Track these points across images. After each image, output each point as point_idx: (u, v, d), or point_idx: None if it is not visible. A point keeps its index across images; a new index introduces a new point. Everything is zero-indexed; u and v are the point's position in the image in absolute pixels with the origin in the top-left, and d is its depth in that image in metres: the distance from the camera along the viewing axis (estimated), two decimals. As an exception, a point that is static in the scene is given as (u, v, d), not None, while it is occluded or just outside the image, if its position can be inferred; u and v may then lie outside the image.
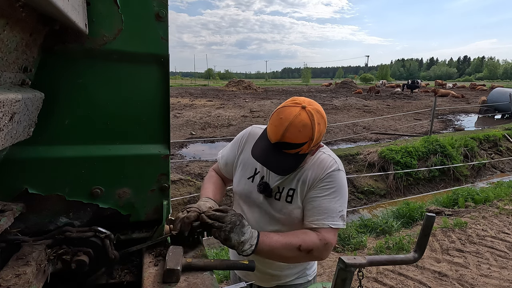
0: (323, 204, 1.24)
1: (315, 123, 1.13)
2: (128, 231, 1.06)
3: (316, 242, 1.19)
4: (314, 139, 1.15)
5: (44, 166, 0.93)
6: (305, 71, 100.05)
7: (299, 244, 1.17)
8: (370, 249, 4.02)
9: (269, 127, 1.18)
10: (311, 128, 1.13)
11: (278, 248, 1.15)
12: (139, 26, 0.94)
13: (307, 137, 1.13)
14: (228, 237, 1.06)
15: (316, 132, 1.14)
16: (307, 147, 1.15)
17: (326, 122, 1.22)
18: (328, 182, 1.26)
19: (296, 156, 1.17)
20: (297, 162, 1.19)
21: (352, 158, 7.84)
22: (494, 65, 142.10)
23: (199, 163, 7.70)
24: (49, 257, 0.88)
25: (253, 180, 1.41)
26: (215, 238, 1.09)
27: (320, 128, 1.16)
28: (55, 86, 0.90)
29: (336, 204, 1.25)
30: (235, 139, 1.55)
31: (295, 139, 1.12)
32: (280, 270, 1.47)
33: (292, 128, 1.11)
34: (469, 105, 21.96)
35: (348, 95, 29.45)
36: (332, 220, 1.23)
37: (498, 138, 9.98)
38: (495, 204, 5.35)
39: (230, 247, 1.10)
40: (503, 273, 3.40)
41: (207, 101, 22.74)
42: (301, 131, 1.12)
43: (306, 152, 1.18)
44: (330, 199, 1.25)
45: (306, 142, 1.13)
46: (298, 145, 1.13)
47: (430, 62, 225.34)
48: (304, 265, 1.53)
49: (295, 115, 1.12)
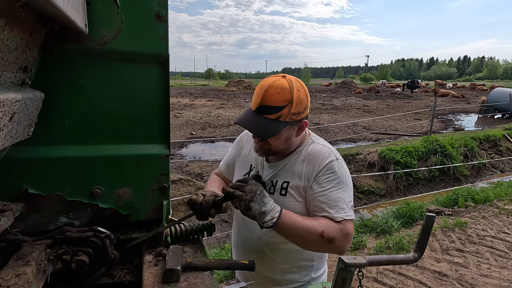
0: (331, 197, 1.21)
1: (294, 88, 1.15)
2: (128, 231, 1.06)
3: (338, 231, 1.16)
4: (294, 104, 1.15)
5: (44, 166, 0.93)
6: (305, 71, 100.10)
7: (322, 231, 1.14)
8: (370, 249, 4.02)
9: (253, 98, 1.21)
10: (290, 91, 1.14)
11: (300, 229, 1.13)
12: (139, 26, 0.94)
13: (286, 100, 1.14)
14: (248, 206, 1.06)
15: (295, 96, 1.15)
16: (287, 112, 1.15)
17: (307, 94, 1.22)
18: (330, 174, 1.24)
19: (276, 122, 1.16)
20: (277, 127, 1.17)
21: (352, 158, 7.83)
22: (494, 65, 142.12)
23: (199, 163, 7.70)
24: (49, 257, 0.88)
25: (248, 175, 1.42)
26: (236, 208, 1.09)
27: (300, 95, 1.17)
28: (55, 86, 0.90)
29: (343, 194, 1.22)
30: (234, 142, 1.58)
31: (274, 102, 1.14)
32: (282, 274, 1.39)
33: (271, 89, 1.14)
34: (469, 105, 21.96)
35: (348, 95, 29.45)
36: (344, 212, 1.20)
37: (498, 138, 9.98)
38: (495, 204, 5.35)
39: (251, 217, 1.09)
40: (503, 273, 3.40)
41: (207, 101, 22.74)
42: (280, 93, 1.14)
43: (287, 120, 1.17)
44: (337, 190, 1.22)
45: (285, 105, 1.14)
46: (277, 108, 1.14)
47: (430, 62, 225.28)
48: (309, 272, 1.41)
49: (274, 80, 1.17)
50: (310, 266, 1.41)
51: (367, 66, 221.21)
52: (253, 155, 1.43)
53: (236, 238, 1.51)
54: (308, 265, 1.40)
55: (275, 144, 1.24)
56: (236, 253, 1.54)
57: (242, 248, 1.47)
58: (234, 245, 1.55)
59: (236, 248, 1.52)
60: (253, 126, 1.18)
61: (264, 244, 1.36)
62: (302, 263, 1.39)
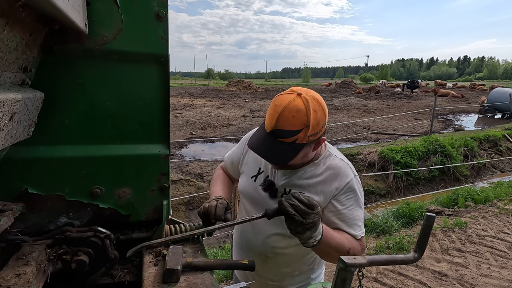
0: (350, 215, 1.24)
1: (311, 109, 1.07)
2: (128, 231, 1.06)
3: (359, 248, 1.22)
4: (311, 127, 1.07)
5: (44, 166, 0.93)
6: (305, 71, 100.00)
7: (349, 248, 1.18)
8: (370, 249, 4.02)
9: (266, 117, 1.14)
10: (306, 114, 1.06)
11: (332, 247, 1.14)
12: (139, 26, 0.94)
13: (302, 123, 1.06)
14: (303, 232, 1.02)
15: (312, 118, 1.07)
16: (303, 135, 1.08)
17: (325, 111, 1.14)
18: (349, 192, 1.25)
19: (292, 146, 1.10)
20: (293, 152, 1.12)
21: (352, 158, 7.83)
22: (494, 65, 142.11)
23: (199, 163, 7.70)
24: (49, 257, 0.88)
25: (256, 179, 1.38)
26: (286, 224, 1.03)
27: (317, 116, 1.08)
28: (55, 86, 0.90)
29: (358, 212, 1.26)
30: (242, 139, 1.53)
31: (289, 126, 1.06)
32: (283, 277, 1.42)
33: (286, 113, 1.06)
34: (469, 105, 21.96)
35: (348, 95, 29.44)
36: (360, 230, 1.25)
37: (498, 138, 9.98)
38: (495, 204, 5.35)
39: (297, 237, 1.05)
40: (503, 273, 3.40)
41: (207, 101, 22.74)
42: (295, 117, 1.06)
43: (303, 142, 1.10)
44: (355, 208, 1.25)
45: (301, 129, 1.07)
46: (292, 132, 1.07)
47: (430, 62, 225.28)
48: (308, 275, 1.46)
49: (289, 101, 1.07)
50: (311, 269, 1.45)
51: (367, 66, 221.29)
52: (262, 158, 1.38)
53: (240, 239, 1.50)
54: (309, 268, 1.44)
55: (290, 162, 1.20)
56: (238, 254, 1.53)
57: (245, 249, 1.47)
58: (237, 246, 1.54)
59: (239, 249, 1.52)
60: (267, 152, 1.13)
61: (268, 248, 1.36)
62: (303, 267, 1.42)
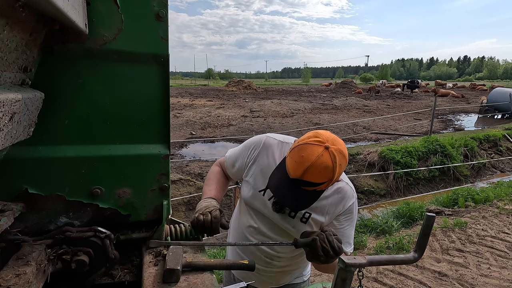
0: (345, 234, 1.36)
1: (337, 165, 1.11)
2: (128, 231, 1.06)
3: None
4: (334, 179, 1.14)
5: (44, 166, 0.93)
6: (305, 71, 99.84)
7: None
8: (370, 249, 4.02)
9: (289, 162, 1.15)
10: (332, 171, 1.10)
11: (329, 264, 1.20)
12: (139, 26, 0.94)
13: (327, 178, 1.12)
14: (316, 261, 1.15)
15: (337, 173, 1.12)
16: (326, 186, 1.16)
17: (347, 161, 1.20)
18: (349, 214, 1.36)
19: (313, 193, 1.17)
20: (313, 198, 1.20)
21: (352, 158, 7.83)
22: (494, 65, 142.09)
23: (199, 163, 7.70)
24: (49, 257, 0.88)
25: (264, 193, 1.38)
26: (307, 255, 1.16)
27: (341, 169, 1.15)
28: (55, 86, 0.90)
29: (352, 231, 1.40)
30: (246, 143, 1.48)
31: (315, 179, 1.11)
32: (283, 276, 1.55)
33: (313, 169, 1.09)
34: (469, 105, 21.97)
35: (348, 95, 29.46)
36: (350, 247, 1.38)
37: (498, 138, 9.98)
38: (495, 204, 5.35)
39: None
40: (503, 273, 3.40)
41: (207, 101, 22.74)
42: (322, 173, 1.10)
43: (323, 189, 1.18)
44: (350, 227, 1.38)
45: (325, 182, 1.13)
46: (317, 184, 1.13)
47: (430, 62, 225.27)
48: (302, 268, 1.63)
49: (317, 156, 1.09)
50: (305, 266, 1.66)
51: (367, 66, 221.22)
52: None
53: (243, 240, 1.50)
54: (304, 265, 1.63)
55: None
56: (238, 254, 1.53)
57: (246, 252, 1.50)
58: (239, 247, 1.54)
59: (240, 249, 1.53)
60: (291, 199, 1.18)
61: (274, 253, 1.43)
62: (300, 265, 1.59)
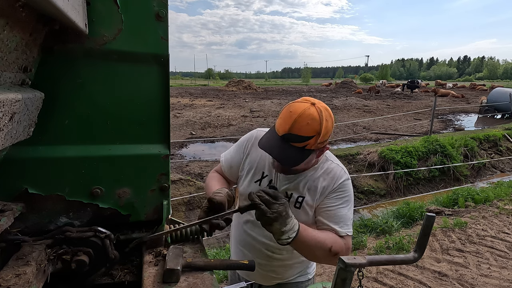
0: (338, 213, 1.29)
1: (323, 118, 1.16)
2: (128, 231, 1.06)
3: (342, 246, 1.24)
4: (321, 134, 1.16)
5: (44, 166, 0.93)
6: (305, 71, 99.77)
7: (331, 245, 1.20)
8: (370, 249, 4.02)
9: (278, 121, 1.20)
10: (319, 123, 1.15)
11: (311, 246, 1.17)
12: (139, 26, 0.94)
13: (314, 131, 1.14)
14: (270, 223, 1.07)
15: (323, 127, 1.15)
16: (314, 141, 1.16)
17: (333, 122, 1.23)
18: (342, 191, 1.31)
19: (302, 150, 1.17)
20: (302, 156, 1.19)
21: (352, 158, 7.83)
22: (494, 65, 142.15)
23: (199, 163, 7.70)
24: (49, 257, 0.88)
25: (260, 183, 1.41)
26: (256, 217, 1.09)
27: (327, 125, 1.17)
28: (55, 86, 0.90)
29: (348, 212, 1.31)
30: (239, 142, 1.53)
31: (303, 132, 1.14)
32: (285, 270, 1.51)
33: (301, 120, 1.13)
34: (469, 105, 21.96)
35: (348, 95, 29.45)
36: (347, 228, 1.28)
37: (498, 138, 9.98)
38: (495, 204, 5.35)
39: (269, 231, 1.11)
40: (503, 273, 3.40)
41: (207, 101, 22.74)
42: (309, 124, 1.14)
43: (312, 148, 1.18)
44: (344, 207, 1.30)
45: (313, 136, 1.15)
46: (305, 138, 1.15)
47: (430, 62, 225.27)
48: (306, 264, 1.57)
49: (304, 108, 1.15)
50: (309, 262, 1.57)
51: (367, 66, 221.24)
52: (265, 162, 1.42)
53: (243, 236, 1.51)
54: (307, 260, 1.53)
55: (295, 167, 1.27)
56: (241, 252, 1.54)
57: (248, 248, 1.50)
58: (239, 242, 1.54)
59: (242, 246, 1.53)
60: (278, 154, 1.18)
61: (274, 245, 1.41)
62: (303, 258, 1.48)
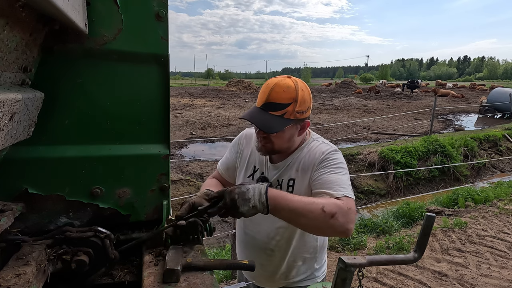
0: (330, 178, 1.20)
1: (299, 87, 1.21)
2: (128, 231, 1.06)
3: (339, 206, 1.07)
4: (299, 102, 1.20)
5: (44, 166, 0.93)
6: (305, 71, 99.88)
7: (323, 205, 1.05)
8: (370, 249, 4.02)
9: (258, 97, 1.26)
10: (295, 90, 1.20)
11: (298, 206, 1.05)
12: (139, 26, 0.94)
13: (291, 98, 1.19)
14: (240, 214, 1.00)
15: (299, 95, 1.20)
16: (292, 109, 1.20)
17: (310, 95, 1.27)
18: (330, 160, 1.27)
19: (281, 119, 1.20)
20: (282, 123, 1.20)
21: (352, 158, 7.83)
22: (494, 65, 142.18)
23: (199, 163, 7.70)
24: (49, 257, 0.87)
25: (253, 177, 1.42)
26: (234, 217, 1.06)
27: (304, 94, 1.22)
28: (55, 86, 0.90)
29: (343, 177, 1.21)
30: (232, 143, 1.57)
31: (280, 99, 1.19)
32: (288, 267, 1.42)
33: (277, 87, 1.20)
34: (469, 105, 21.96)
35: (348, 95, 29.44)
36: (345, 190, 1.15)
37: (498, 138, 9.98)
38: (495, 204, 5.35)
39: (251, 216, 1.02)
40: (503, 273, 3.40)
41: (207, 101, 22.74)
42: (286, 91, 1.19)
43: (291, 117, 1.21)
44: (337, 172, 1.22)
45: (290, 103, 1.19)
46: (282, 105, 1.19)
47: (430, 62, 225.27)
48: (311, 264, 1.46)
49: (280, 79, 1.23)
50: (313, 257, 1.46)
51: (367, 66, 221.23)
52: (256, 156, 1.44)
53: (244, 237, 1.51)
54: (311, 256, 1.46)
55: (277, 142, 1.26)
56: (242, 251, 1.53)
57: (249, 246, 1.49)
58: (241, 244, 1.55)
59: (243, 247, 1.53)
60: (259, 121, 1.21)
61: (274, 242, 1.39)
62: (306, 255, 1.45)
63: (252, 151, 1.46)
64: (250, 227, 1.46)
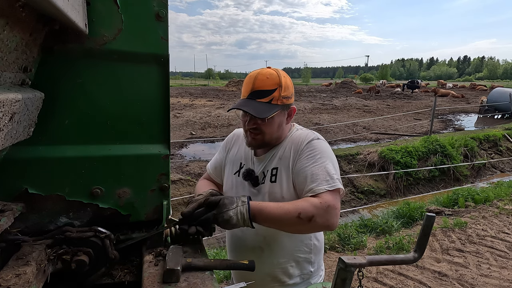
0: (313, 171, 1.21)
1: (281, 74, 1.27)
2: (128, 231, 1.06)
3: (316, 207, 1.12)
4: (283, 87, 1.25)
5: (44, 166, 0.93)
6: (305, 71, 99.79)
7: (298, 212, 1.11)
8: (370, 249, 4.02)
9: (242, 89, 1.31)
10: (278, 76, 1.26)
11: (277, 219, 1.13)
12: (139, 26, 0.94)
13: (275, 83, 1.25)
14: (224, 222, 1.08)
15: (283, 81, 1.26)
16: (278, 94, 1.25)
17: (291, 82, 1.33)
18: (310, 151, 1.26)
19: (269, 105, 1.24)
20: (271, 109, 1.24)
21: (352, 158, 7.83)
22: (494, 65, 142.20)
23: (199, 163, 7.69)
24: (49, 257, 0.88)
25: (239, 174, 1.43)
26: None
27: (286, 80, 1.28)
28: (55, 86, 0.90)
29: (327, 166, 1.21)
30: (222, 143, 1.61)
31: (265, 86, 1.24)
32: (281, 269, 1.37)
33: (260, 76, 1.25)
34: (469, 105, 21.96)
35: (348, 95, 29.44)
36: (327, 183, 1.17)
37: (498, 138, 9.98)
38: (495, 204, 5.35)
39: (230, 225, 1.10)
40: (503, 273, 3.40)
41: (207, 101, 22.73)
42: (269, 78, 1.25)
43: (278, 103, 1.25)
44: (318, 165, 1.22)
45: (275, 89, 1.24)
46: (268, 91, 1.24)
47: (430, 62, 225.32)
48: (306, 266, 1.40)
49: (261, 69, 1.29)
50: (308, 259, 1.40)
51: (367, 66, 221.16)
52: (242, 153, 1.46)
53: (232, 240, 1.49)
54: (305, 258, 1.40)
55: (268, 131, 1.28)
56: (232, 254, 1.51)
57: (238, 248, 1.46)
58: (230, 247, 1.52)
59: (233, 250, 1.50)
60: (250, 109, 1.23)
61: (261, 239, 1.36)
62: (299, 256, 1.38)
63: (239, 149, 1.49)
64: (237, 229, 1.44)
